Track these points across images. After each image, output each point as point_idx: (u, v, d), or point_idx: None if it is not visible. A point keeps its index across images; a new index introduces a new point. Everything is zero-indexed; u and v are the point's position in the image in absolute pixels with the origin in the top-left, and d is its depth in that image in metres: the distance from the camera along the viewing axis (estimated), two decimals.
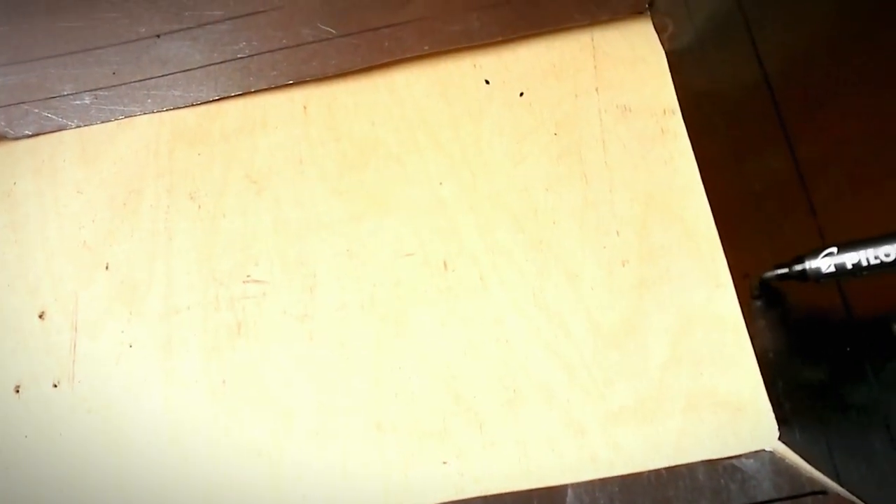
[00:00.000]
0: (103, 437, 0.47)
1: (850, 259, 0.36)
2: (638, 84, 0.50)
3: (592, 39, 0.52)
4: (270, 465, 0.45)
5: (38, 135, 0.56)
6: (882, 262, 0.35)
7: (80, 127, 0.55)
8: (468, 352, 0.45)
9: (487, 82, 0.52)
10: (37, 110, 0.56)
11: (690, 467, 0.40)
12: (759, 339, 0.42)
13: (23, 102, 0.56)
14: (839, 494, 0.38)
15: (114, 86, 0.55)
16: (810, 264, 0.38)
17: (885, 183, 0.43)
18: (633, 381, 0.43)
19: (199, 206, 0.52)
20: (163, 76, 0.55)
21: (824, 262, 0.37)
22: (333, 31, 0.53)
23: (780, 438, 0.40)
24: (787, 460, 0.39)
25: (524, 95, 0.51)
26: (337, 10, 0.53)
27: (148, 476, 0.46)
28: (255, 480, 0.45)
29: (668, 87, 0.50)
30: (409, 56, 0.52)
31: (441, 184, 0.50)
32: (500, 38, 0.52)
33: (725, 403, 0.42)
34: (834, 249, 0.37)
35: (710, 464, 0.40)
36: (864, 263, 0.36)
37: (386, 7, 0.53)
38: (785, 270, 0.39)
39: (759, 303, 0.43)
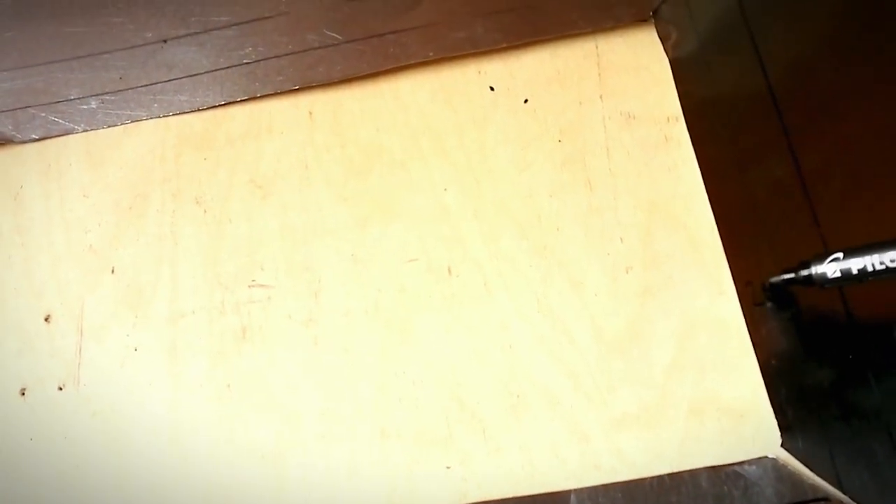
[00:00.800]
0: (108, 440, 0.48)
1: (855, 264, 0.36)
2: (642, 91, 0.50)
3: (597, 47, 0.52)
4: (275, 470, 0.45)
5: (44, 139, 0.56)
6: (888, 267, 0.35)
7: (86, 131, 0.56)
8: (472, 358, 0.46)
9: (492, 89, 0.52)
10: (43, 114, 0.56)
11: (693, 473, 0.41)
12: (762, 346, 0.43)
13: (29, 106, 0.56)
14: (841, 501, 0.38)
15: (120, 90, 0.56)
16: (816, 269, 0.37)
17: (888, 192, 0.43)
18: (637, 387, 0.43)
19: (205, 211, 0.52)
20: (169, 81, 0.55)
21: (830, 268, 0.37)
22: (339, 37, 0.53)
23: (782, 445, 0.40)
24: (789, 467, 0.40)
25: (528, 102, 0.51)
26: (342, 17, 0.54)
27: (152, 479, 0.46)
28: (260, 485, 0.45)
29: (672, 94, 0.50)
30: (413, 62, 0.53)
31: (445, 190, 0.50)
32: (504, 45, 0.52)
33: (728, 410, 0.42)
34: (840, 255, 0.37)
35: (712, 470, 0.40)
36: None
37: (391, 13, 0.53)
38: (791, 275, 0.39)
39: (769, 304, 0.43)
